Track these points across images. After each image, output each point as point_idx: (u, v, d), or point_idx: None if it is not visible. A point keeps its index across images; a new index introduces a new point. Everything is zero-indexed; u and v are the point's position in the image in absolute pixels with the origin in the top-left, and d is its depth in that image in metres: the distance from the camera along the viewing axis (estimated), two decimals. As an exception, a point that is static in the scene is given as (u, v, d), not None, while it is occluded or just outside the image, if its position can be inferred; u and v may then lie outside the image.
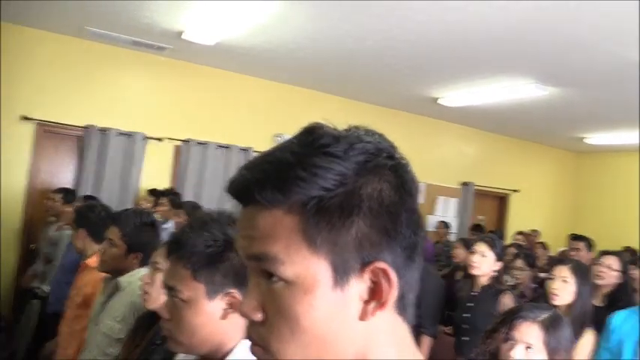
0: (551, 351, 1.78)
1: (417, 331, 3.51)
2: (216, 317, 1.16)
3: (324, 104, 6.90)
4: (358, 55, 5.19)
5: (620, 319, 2.58)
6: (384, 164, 0.59)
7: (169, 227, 4.87)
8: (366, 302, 0.57)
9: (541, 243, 7.15)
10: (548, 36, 4.18)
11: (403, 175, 0.60)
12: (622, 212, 8.87)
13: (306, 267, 0.56)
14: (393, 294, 0.57)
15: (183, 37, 4.95)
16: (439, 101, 6.66)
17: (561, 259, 3.02)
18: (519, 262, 4.32)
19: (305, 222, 0.56)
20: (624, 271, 3.52)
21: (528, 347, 1.80)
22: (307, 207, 0.56)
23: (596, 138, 8.25)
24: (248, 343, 0.61)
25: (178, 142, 6.11)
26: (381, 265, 0.57)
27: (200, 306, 1.15)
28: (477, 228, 7.34)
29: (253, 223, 0.59)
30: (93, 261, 2.59)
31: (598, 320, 2.84)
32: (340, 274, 0.56)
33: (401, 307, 0.60)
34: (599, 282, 3.49)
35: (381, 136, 0.63)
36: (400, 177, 0.60)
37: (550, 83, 5.51)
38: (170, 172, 6.17)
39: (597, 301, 3.41)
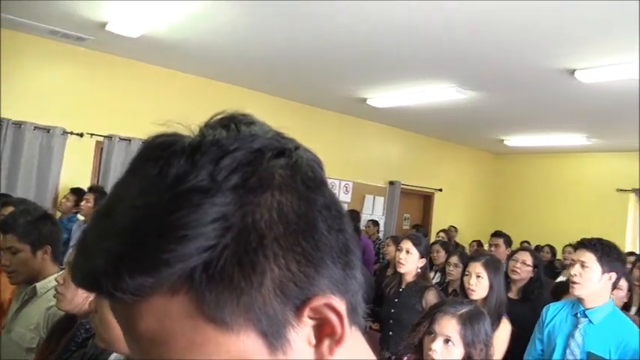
0: (468, 344, 1.87)
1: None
2: None
3: (254, 102, 6.85)
4: (287, 54, 5.19)
5: (552, 312, 2.71)
6: (272, 169, 0.43)
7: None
8: (317, 345, 0.44)
9: (477, 241, 7.49)
10: (468, 42, 4.36)
11: (301, 169, 0.44)
12: (538, 211, 9.44)
13: (227, 353, 0.41)
14: (344, 323, 0.44)
15: (107, 28, 4.75)
16: (368, 102, 6.78)
17: (474, 256, 3.16)
18: (454, 259, 4.33)
19: (200, 299, 0.40)
20: (537, 267, 3.74)
21: (447, 340, 1.87)
22: (194, 279, 0.40)
23: (514, 140, 8.71)
24: None
25: (100, 138, 5.86)
26: (320, 300, 0.43)
27: None
28: (416, 227, 7.64)
29: (129, 324, 0.42)
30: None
31: (513, 313, 3.01)
32: (274, 338, 0.42)
33: (354, 315, 0.47)
34: (514, 277, 3.70)
35: (250, 124, 0.45)
36: (299, 173, 0.44)
37: (470, 87, 5.75)
38: (92, 169, 5.91)
39: (512, 295, 3.61)
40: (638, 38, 3.86)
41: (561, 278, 5.30)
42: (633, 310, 4.02)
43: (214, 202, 0.40)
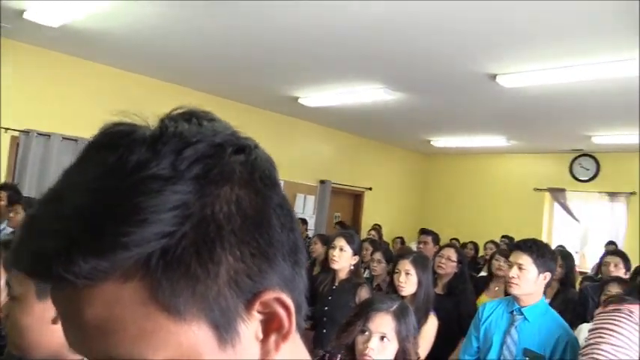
0: (402, 339, 1.91)
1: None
2: (47, 321, 1.11)
3: (183, 98, 6.61)
4: (218, 49, 5.11)
5: (489, 309, 2.80)
6: (232, 164, 0.43)
7: (3, 228, 4.39)
8: (264, 340, 0.45)
9: (400, 238, 7.70)
10: (397, 44, 4.46)
11: (259, 166, 0.46)
12: (462, 209, 9.84)
13: (178, 344, 0.40)
14: (292, 319, 0.45)
15: (25, 16, 4.47)
16: (300, 101, 6.80)
17: (403, 254, 3.26)
18: (377, 255, 4.46)
19: (155, 286, 0.39)
20: (461, 262, 3.90)
21: (383, 337, 1.91)
22: (150, 266, 0.39)
23: (440, 141, 9.02)
24: None
25: (16, 133, 5.51)
26: (270, 294, 0.44)
27: (30, 305, 1.10)
28: (340, 224, 7.71)
29: (75, 311, 0.41)
30: None
31: (439, 307, 3.12)
32: (224, 330, 0.42)
33: (297, 315, 0.47)
34: (439, 272, 3.84)
35: (211, 120, 0.46)
36: (257, 170, 0.45)
37: (398, 89, 5.89)
38: (6, 166, 5.55)
39: (438, 290, 3.74)
40: (553, 47, 4.11)
41: (483, 273, 5.54)
42: (547, 301, 4.26)
43: (175, 190, 0.40)
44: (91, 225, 0.38)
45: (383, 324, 1.92)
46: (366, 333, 1.92)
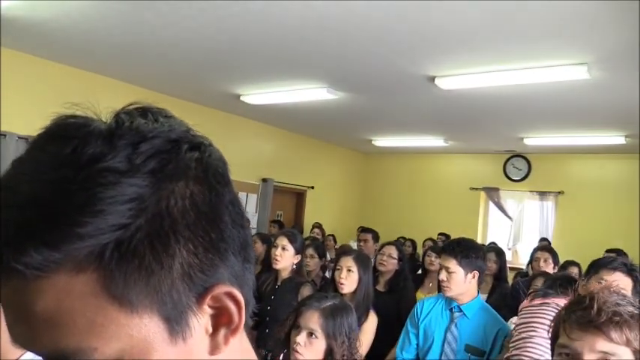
0: (330, 336, 1.96)
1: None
2: None
3: (121, 93, 6.47)
4: (157, 44, 4.96)
5: (427, 307, 2.84)
6: (187, 160, 0.44)
7: None
8: (213, 334, 0.46)
9: (332, 235, 7.76)
10: (340, 45, 4.50)
11: (213, 164, 0.47)
12: (402, 207, 10.05)
13: (128, 336, 0.40)
14: (242, 313, 0.46)
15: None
16: (242, 98, 6.73)
17: (345, 251, 3.29)
18: (310, 251, 4.45)
19: (108, 278, 0.39)
20: (401, 260, 3.98)
21: (311, 333, 1.95)
22: (104, 258, 0.39)
23: (381, 141, 9.17)
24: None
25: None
26: (221, 288, 0.45)
27: None
28: (276, 222, 7.69)
29: (23, 303, 0.40)
30: None
31: (379, 304, 3.18)
32: (176, 323, 0.43)
33: (245, 314, 0.48)
34: (381, 269, 3.90)
35: (167, 117, 0.48)
36: (211, 168, 0.46)
37: (340, 89, 5.94)
38: None
39: (380, 287, 3.81)
40: (490, 51, 4.27)
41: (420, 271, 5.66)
42: (483, 297, 4.43)
43: (131, 183, 0.40)
44: (45, 215, 0.38)
45: (311, 320, 1.96)
46: (298, 328, 1.98)
